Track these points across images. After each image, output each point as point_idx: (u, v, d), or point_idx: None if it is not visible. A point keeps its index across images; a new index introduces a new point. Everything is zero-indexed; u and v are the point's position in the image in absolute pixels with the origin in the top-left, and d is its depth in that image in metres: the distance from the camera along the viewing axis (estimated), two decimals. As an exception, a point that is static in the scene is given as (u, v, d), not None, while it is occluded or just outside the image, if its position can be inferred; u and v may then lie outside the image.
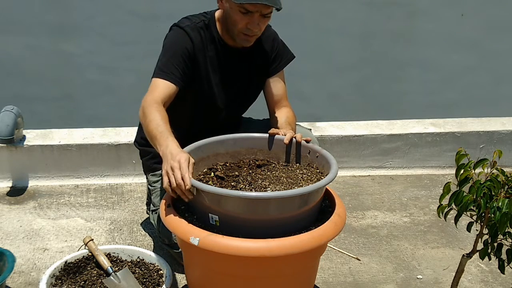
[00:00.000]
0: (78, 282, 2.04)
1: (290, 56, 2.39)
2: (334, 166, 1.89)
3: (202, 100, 2.25)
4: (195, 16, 2.25)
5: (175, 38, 2.18)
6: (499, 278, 2.38)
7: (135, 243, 2.56)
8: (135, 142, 2.55)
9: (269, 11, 2.08)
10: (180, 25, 2.20)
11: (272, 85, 2.35)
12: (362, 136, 3.30)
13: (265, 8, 2.05)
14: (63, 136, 3.11)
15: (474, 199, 1.73)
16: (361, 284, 2.33)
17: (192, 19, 2.23)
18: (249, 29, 2.09)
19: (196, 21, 2.22)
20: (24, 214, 2.79)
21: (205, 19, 2.23)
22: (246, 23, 2.08)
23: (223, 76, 2.25)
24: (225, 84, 2.27)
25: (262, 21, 2.10)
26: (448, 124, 3.43)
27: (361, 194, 3.10)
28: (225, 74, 2.26)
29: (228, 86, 2.28)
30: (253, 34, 2.13)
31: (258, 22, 2.08)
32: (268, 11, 2.07)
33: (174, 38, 2.19)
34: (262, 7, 2.04)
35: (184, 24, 2.20)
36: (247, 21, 2.07)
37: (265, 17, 2.09)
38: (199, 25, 2.21)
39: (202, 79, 2.21)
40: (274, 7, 2.05)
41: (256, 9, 2.04)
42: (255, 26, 2.08)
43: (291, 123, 2.25)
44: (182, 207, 1.91)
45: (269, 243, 1.69)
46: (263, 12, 2.06)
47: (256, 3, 2.01)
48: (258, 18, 2.07)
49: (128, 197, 2.98)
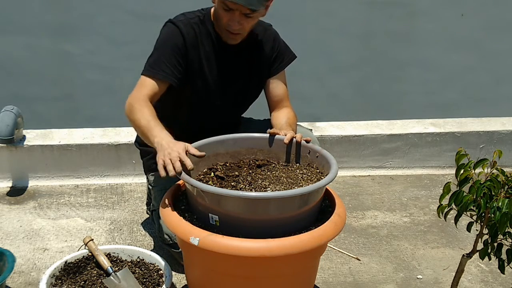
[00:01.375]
0: (78, 282, 2.04)
1: (292, 56, 2.38)
2: (334, 166, 1.89)
3: (197, 96, 2.24)
4: (191, 12, 2.26)
5: (166, 35, 2.19)
6: (499, 278, 2.38)
7: (135, 243, 2.56)
8: (136, 142, 2.55)
9: (248, 11, 2.07)
10: (173, 20, 2.21)
11: (273, 86, 2.34)
12: (362, 136, 3.30)
13: (245, 8, 2.05)
14: (63, 136, 3.11)
15: (474, 199, 1.73)
16: (361, 284, 2.33)
17: (187, 14, 2.24)
18: (230, 26, 2.10)
19: (191, 16, 2.23)
20: (24, 214, 2.79)
21: (201, 14, 2.24)
22: (228, 20, 2.09)
23: (219, 71, 2.25)
24: (222, 80, 2.26)
25: (245, 20, 2.09)
26: (448, 124, 3.43)
27: (361, 194, 3.10)
28: (221, 69, 2.25)
29: (225, 82, 2.27)
30: (236, 31, 2.13)
31: (238, 20, 2.08)
32: (248, 11, 2.06)
33: (165, 35, 2.20)
34: (241, 6, 2.04)
35: (178, 19, 2.21)
36: (229, 17, 2.09)
37: (248, 17, 2.08)
38: (194, 21, 2.21)
39: (196, 74, 2.21)
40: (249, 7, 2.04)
41: (236, 7, 2.05)
42: (234, 23, 2.09)
43: (291, 124, 2.24)
44: (182, 207, 1.91)
45: (269, 243, 1.69)
46: (243, 11, 2.06)
47: (235, 2, 2.02)
48: (239, 16, 2.07)
49: (128, 197, 2.98)
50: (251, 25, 2.15)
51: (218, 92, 2.26)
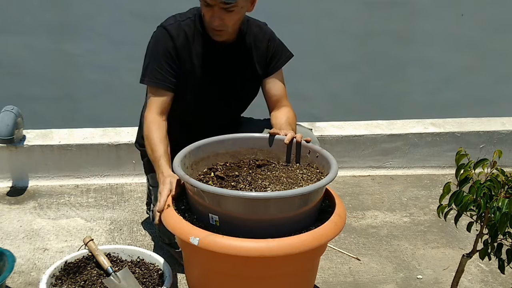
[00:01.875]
0: (78, 282, 2.04)
1: (289, 55, 2.37)
2: (334, 166, 1.89)
3: (193, 95, 2.25)
4: (182, 14, 2.26)
5: (155, 40, 2.21)
6: (499, 278, 2.38)
7: (135, 243, 2.56)
8: (136, 143, 2.55)
9: (225, 5, 2.04)
10: (164, 24, 2.22)
11: (271, 85, 2.34)
12: (362, 136, 3.30)
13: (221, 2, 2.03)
14: (63, 136, 3.11)
15: (474, 199, 1.73)
16: (361, 284, 2.33)
17: (178, 16, 2.24)
18: (211, 22, 2.10)
19: (182, 18, 2.22)
20: (24, 214, 2.79)
21: (192, 15, 2.23)
22: (210, 16, 2.09)
23: (212, 70, 2.25)
24: (216, 79, 2.26)
25: (226, 15, 2.08)
26: (448, 124, 3.43)
27: (361, 194, 3.10)
28: (215, 69, 2.25)
29: (219, 81, 2.27)
30: (218, 28, 2.12)
31: (219, 15, 2.07)
32: (225, 5, 2.04)
33: (155, 41, 2.22)
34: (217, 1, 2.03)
35: (168, 23, 2.21)
36: (210, 14, 2.09)
37: (228, 11, 2.07)
38: (184, 22, 2.21)
39: (189, 75, 2.22)
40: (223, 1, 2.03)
41: (214, 2, 2.04)
42: (215, 19, 2.08)
43: (291, 124, 2.24)
44: (182, 207, 1.91)
45: (269, 243, 1.69)
46: (221, 5, 2.04)
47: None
48: (218, 11, 2.06)
49: (128, 197, 2.98)
50: (234, 20, 2.12)
51: (210, 88, 2.26)
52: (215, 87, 2.27)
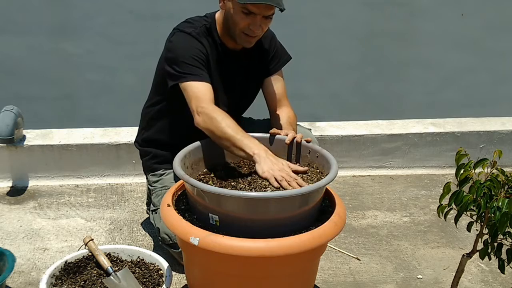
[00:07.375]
0: (78, 282, 2.04)
1: (287, 57, 2.41)
2: (334, 166, 1.89)
3: None
4: (196, 21, 2.24)
5: (182, 44, 2.16)
6: (499, 278, 2.38)
7: (135, 243, 2.56)
8: (136, 143, 2.55)
9: (271, 12, 2.08)
10: (186, 30, 2.18)
11: (271, 85, 2.35)
12: (362, 136, 3.30)
13: (268, 10, 2.06)
14: (63, 136, 3.11)
15: (474, 199, 1.73)
16: (361, 284, 2.33)
17: (195, 23, 2.22)
18: (251, 30, 2.10)
19: (199, 25, 2.21)
20: (24, 214, 2.79)
21: (206, 23, 2.22)
22: (248, 24, 2.09)
23: (224, 79, 2.26)
24: (226, 87, 2.27)
25: (264, 23, 2.11)
26: (448, 124, 3.43)
27: (361, 194, 3.10)
28: (226, 77, 2.26)
29: (229, 89, 2.29)
30: (255, 35, 2.13)
31: (260, 23, 2.09)
32: (271, 12, 2.08)
33: (181, 44, 2.16)
34: (264, 9, 2.05)
35: (189, 30, 2.18)
36: (249, 22, 2.08)
37: (267, 19, 2.10)
38: (202, 30, 2.20)
39: None
40: (277, 7, 2.06)
41: (258, 11, 2.05)
42: (257, 27, 2.09)
43: (292, 123, 2.25)
44: (182, 207, 1.91)
45: (269, 243, 1.69)
46: (265, 14, 2.07)
47: (260, 3, 2.02)
48: (260, 20, 2.08)
49: (128, 197, 2.98)
50: (268, 27, 2.16)
51: (223, 97, 2.26)
52: (225, 95, 2.27)
